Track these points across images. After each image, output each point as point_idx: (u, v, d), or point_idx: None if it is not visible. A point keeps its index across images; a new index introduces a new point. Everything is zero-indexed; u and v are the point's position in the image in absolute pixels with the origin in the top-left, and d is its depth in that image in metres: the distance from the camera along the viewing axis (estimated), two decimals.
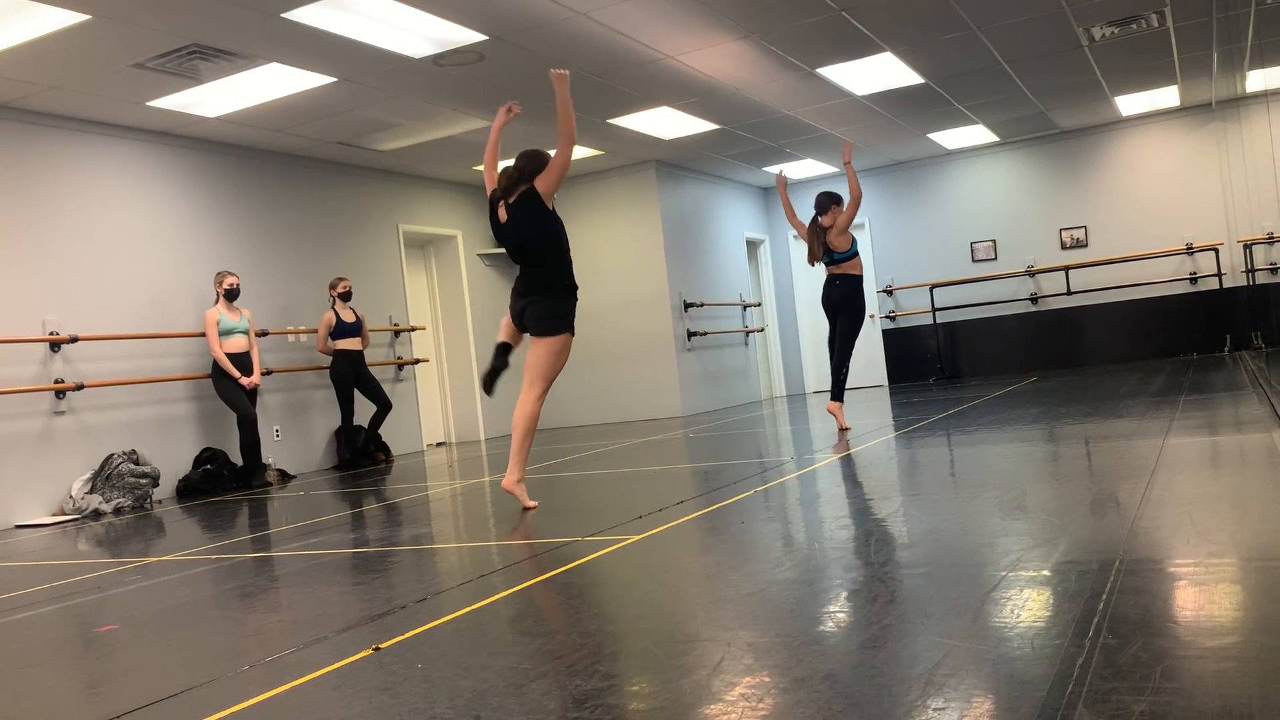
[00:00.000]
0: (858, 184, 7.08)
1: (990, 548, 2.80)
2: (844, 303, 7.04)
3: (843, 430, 6.93)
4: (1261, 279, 11.21)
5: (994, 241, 12.46)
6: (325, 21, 6.00)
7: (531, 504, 4.65)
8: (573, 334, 4.65)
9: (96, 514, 6.69)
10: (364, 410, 8.85)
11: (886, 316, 13.13)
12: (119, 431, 7.31)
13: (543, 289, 4.61)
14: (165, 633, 2.86)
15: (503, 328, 4.80)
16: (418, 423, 10.18)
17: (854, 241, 7.11)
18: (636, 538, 3.56)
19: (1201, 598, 2.11)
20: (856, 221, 12.97)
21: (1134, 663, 1.75)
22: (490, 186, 4.76)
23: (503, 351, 4.71)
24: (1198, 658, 1.76)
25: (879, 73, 8.49)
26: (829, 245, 7.05)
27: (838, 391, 7.09)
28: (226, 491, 7.51)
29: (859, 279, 7.08)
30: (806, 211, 7.53)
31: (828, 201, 7.08)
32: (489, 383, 4.70)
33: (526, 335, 4.74)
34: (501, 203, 4.67)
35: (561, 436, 9.89)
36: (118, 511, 6.76)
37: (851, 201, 6.97)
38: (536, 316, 4.60)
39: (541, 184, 4.58)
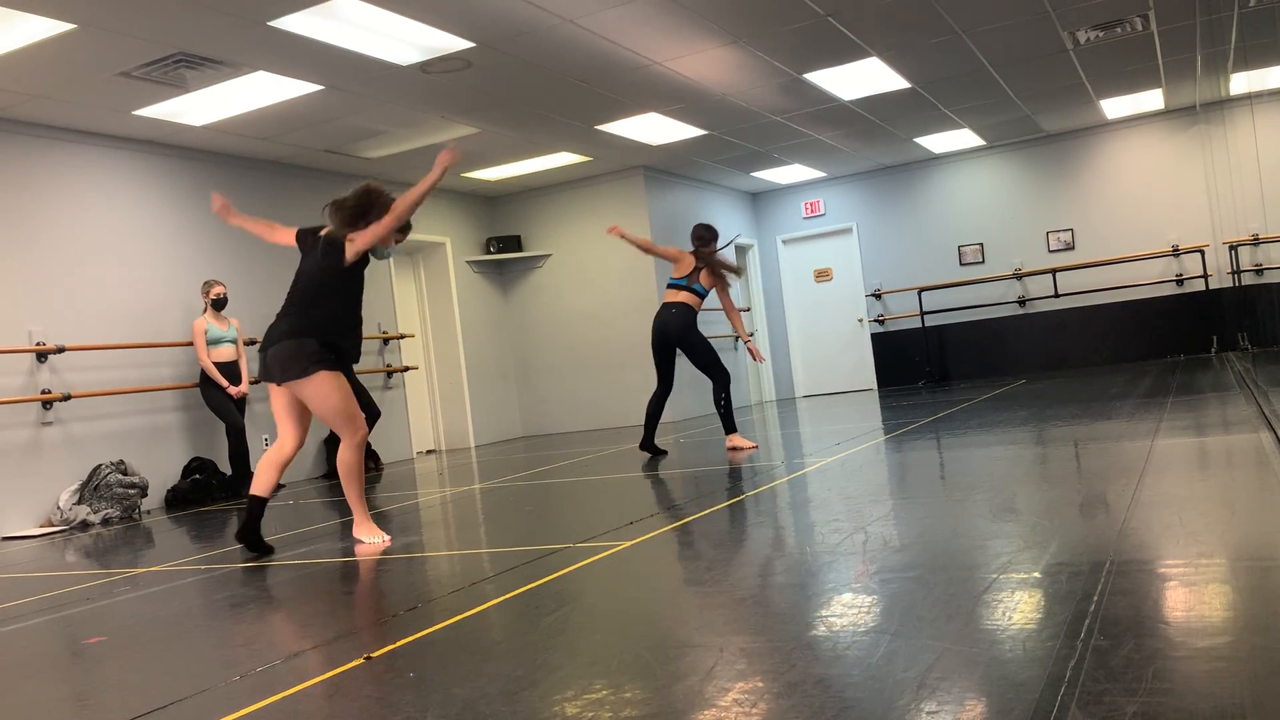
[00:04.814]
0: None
1: (981, 550, 2.81)
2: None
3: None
4: (1247, 280, 11.27)
5: (981, 245, 12.50)
6: (312, 29, 5.99)
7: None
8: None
9: (84, 525, 6.65)
10: None
11: (875, 320, 13.15)
12: (107, 442, 7.27)
13: None
14: (154, 644, 2.85)
15: None
16: (407, 430, 10.15)
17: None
18: (628, 544, 3.55)
19: (1192, 598, 2.12)
20: (841, 227, 12.87)
21: (1126, 664, 1.75)
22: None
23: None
24: (1189, 658, 1.76)
25: (865, 78, 8.52)
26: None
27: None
28: (215, 501, 7.47)
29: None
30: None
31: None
32: None
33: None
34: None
35: (551, 443, 9.87)
36: (106, 522, 6.72)
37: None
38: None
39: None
